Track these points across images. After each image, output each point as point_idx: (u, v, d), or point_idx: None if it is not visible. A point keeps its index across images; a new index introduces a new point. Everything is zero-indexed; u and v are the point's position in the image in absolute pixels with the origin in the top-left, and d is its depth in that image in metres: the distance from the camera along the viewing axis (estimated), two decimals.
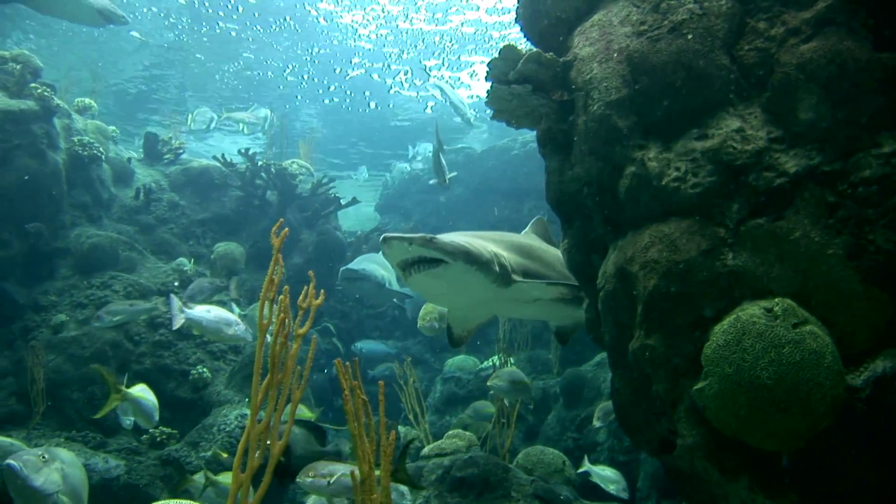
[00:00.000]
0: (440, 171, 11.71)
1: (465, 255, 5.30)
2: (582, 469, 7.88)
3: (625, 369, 4.66)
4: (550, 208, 5.47)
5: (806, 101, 3.87)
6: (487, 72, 5.11)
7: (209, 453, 8.44)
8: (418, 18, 19.56)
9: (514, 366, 9.75)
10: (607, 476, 7.92)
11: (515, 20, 5.66)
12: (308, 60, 21.73)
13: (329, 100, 24.73)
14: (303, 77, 22.79)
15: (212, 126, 17.77)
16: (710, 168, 4.08)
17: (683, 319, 4.05)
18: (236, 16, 19.21)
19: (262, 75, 23.03)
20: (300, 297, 3.61)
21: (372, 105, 24.60)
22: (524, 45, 5.33)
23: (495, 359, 11.30)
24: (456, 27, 19.89)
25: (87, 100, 15.17)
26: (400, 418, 10.29)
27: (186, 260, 12.53)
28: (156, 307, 10.12)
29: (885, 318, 3.65)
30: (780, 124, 4.00)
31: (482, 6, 18.81)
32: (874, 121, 3.73)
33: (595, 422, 9.23)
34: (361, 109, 25.28)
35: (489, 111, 5.45)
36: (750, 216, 3.93)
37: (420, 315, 9.28)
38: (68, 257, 11.53)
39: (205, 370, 10.62)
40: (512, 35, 19.99)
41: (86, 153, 12.32)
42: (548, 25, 5.32)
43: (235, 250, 13.57)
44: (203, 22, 19.61)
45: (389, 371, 11.56)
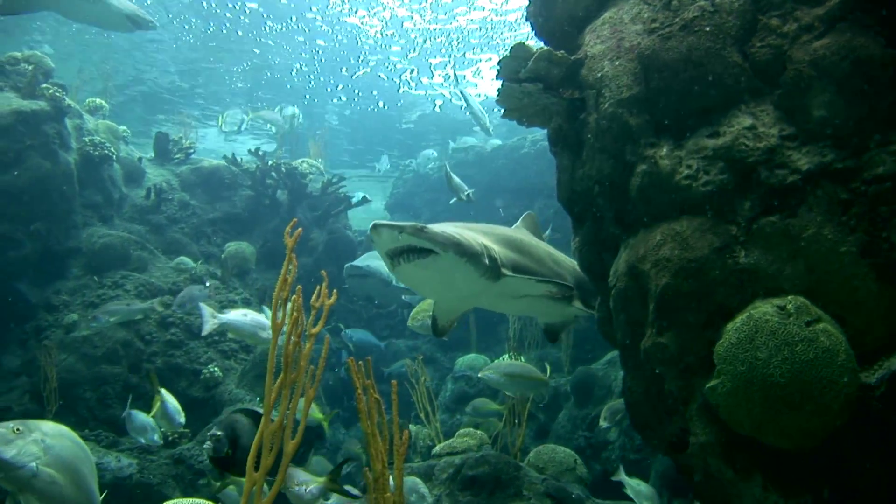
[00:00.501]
0: (458, 189, 11.85)
1: (456, 247, 5.16)
2: (616, 478, 7.78)
3: (637, 368, 4.65)
4: (562, 207, 5.47)
5: (819, 98, 3.86)
6: (498, 70, 5.10)
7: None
8: (423, 18, 19.58)
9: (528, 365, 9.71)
10: (642, 491, 7.71)
11: (526, 18, 5.65)
12: (317, 60, 21.79)
13: (349, 101, 24.83)
14: (321, 77, 22.86)
15: (242, 127, 17.84)
16: (722, 166, 4.07)
17: (695, 317, 4.04)
18: (244, 16, 19.26)
19: (279, 75, 23.11)
20: (313, 297, 3.61)
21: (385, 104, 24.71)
22: (533, 43, 5.33)
23: (506, 357, 11.28)
24: (463, 26, 19.90)
25: (98, 100, 15.25)
26: (411, 417, 10.29)
27: (189, 259, 12.53)
28: (152, 307, 10.15)
29: None
30: (793, 121, 3.98)
31: (487, 6, 18.81)
32: (888, 117, 3.70)
33: (602, 422, 9.20)
34: (373, 108, 25.37)
35: (498, 109, 5.45)
36: (762, 214, 3.92)
37: (411, 315, 9.17)
38: (80, 257, 11.59)
39: (216, 369, 10.66)
40: (511, 38, 20.07)
41: (97, 153, 12.38)
42: (558, 23, 5.31)
43: (246, 249, 13.62)
44: (211, 22, 19.67)
45: (402, 368, 11.56)
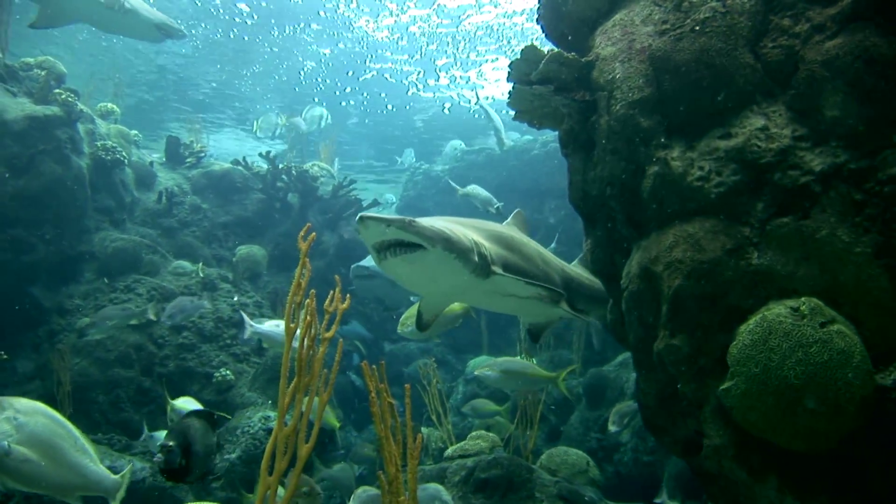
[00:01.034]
0: (487, 203, 11.92)
1: (445, 242, 5.00)
2: (658, 500, 7.75)
3: (650, 370, 4.64)
4: (573, 208, 5.46)
5: (832, 99, 3.84)
6: (509, 73, 5.10)
7: None
8: (430, 21, 19.66)
9: (537, 365, 9.68)
10: None
11: (536, 20, 5.65)
12: (324, 63, 21.92)
13: (361, 103, 24.95)
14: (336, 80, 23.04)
15: (276, 132, 17.84)
16: (735, 167, 4.06)
17: (709, 319, 4.03)
18: (255, 18, 19.36)
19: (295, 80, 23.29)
20: (326, 302, 3.62)
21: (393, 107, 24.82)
22: (539, 43, 5.32)
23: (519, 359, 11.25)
24: (471, 30, 19.97)
25: (110, 104, 15.32)
26: (422, 419, 10.30)
27: (188, 263, 12.53)
28: (145, 311, 10.17)
29: None
30: (806, 122, 3.97)
31: (493, 11, 18.86)
32: None
33: (611, 426, 9.18)
34: (380, 111, 25.46)
35: (509, 111, 5.44)
36: (775, 215, 3.90)
37: (401, 320, 9.03)
38: (92, 261, 11.64)
39: (228, 372, 10.68)
40: (517, 42, 20.14)
41: (109, 157, 12.43)
42: (569, 25, 5.31)
43: (257, 253, 13.64)
44: (220, 28, 19.78)
45: (413, 370, 11.56)
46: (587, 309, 6.61)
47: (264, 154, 15.14)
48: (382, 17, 19.45)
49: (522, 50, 4.98)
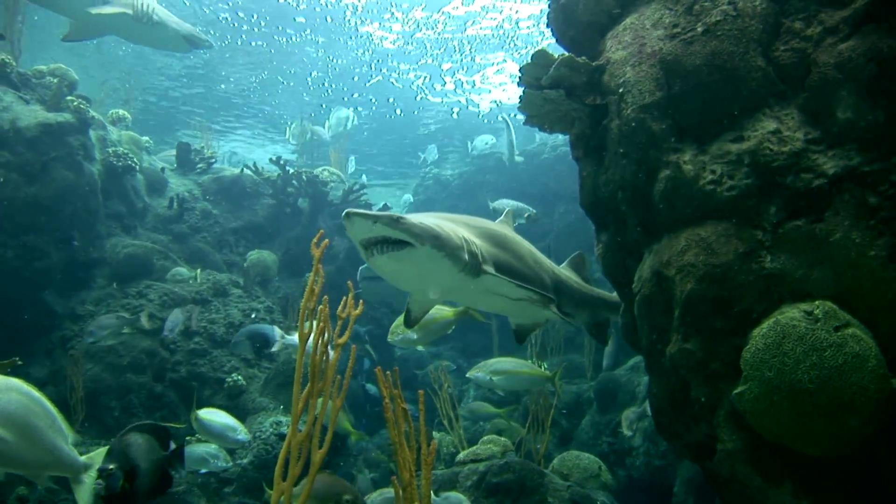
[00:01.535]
0: (521, 212, 12.02)
1: (434, 240, 4.85)
2: None
3: (662, 374, 4.62)
4: (584, 212, 5.45)
5: (844, 101, 3.82)
6: (519, 77, 5.11)
7: None
8: (438, 27, 19.74)
9: (547, 370, 9.65)
10: None
11: (547, 24, 5.65)
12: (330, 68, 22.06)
13: (369, 108, 25.04)
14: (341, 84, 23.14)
15: (307, 138, 18.01)
16: (747, 170, 4.04)
17: (721, 323, 4.02)
18: (263, 24, 19.46)
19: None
20: (339, 308, 3.62)
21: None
22: (547, 44, 5.33)
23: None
24: (475, 35, 20.03)
25: (121, 111, 15.40)
26: (434, 424, 10.29)
27: (186, 269, 12.54)
28: (138, 319, 10.15)
29: None
30: (818, 125, 3.95)
31: (497, 18, 18.90)
32: None
33: (626, 431, 9.16)
34: (388, 116, 25.53)
35: (518, 115, 5.43)
36: (788, 218, 3.89)
37: (391, 329, 8.88)
38: (104, 267, 11.70)
39: (239, 378, 10.71)
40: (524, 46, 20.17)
41: (120, 164, 12.50)
42: (579, 30, 5.31)
43: (268, 258, 13.69)
44: (228, 35, 19.90)
45: (424, 375, 11.54)
46: (574, 313, 6.54)
47: (274, 159, 15.19)
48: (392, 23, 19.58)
49: (533, 54, 4.98)
